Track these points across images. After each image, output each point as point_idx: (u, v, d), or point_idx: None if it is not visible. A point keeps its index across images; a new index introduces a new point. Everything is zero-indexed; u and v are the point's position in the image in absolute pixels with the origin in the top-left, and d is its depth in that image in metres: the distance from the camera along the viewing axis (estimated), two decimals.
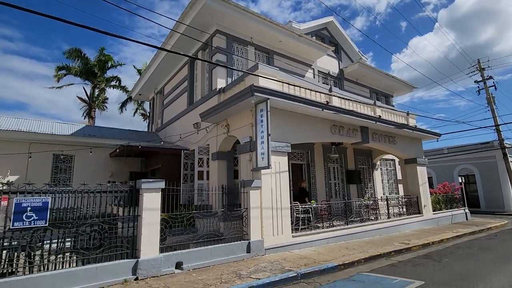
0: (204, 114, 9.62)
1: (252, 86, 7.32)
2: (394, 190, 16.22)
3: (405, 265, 6.68)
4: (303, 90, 9.10)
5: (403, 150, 12.95)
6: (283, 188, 8.18)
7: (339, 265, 6.50)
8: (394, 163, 16.54)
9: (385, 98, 18.21)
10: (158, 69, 14.35)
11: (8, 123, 12.28)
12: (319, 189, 12.32)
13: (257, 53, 12.07)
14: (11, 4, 4.09)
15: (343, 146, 13.41)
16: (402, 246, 8.37)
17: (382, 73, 16.57)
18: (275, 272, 5.86)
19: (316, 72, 14.21)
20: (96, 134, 13.38)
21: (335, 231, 9.23)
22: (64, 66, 23.64)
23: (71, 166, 12.66)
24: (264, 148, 7.48)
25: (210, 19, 10.44)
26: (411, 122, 13.10)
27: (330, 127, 9.94)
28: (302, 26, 13.83)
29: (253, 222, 7.36)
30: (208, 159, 10.62)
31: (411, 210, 12.55)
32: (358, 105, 10.83)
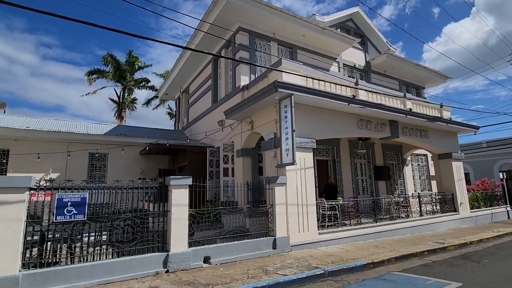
0: (228, 111, 9.73)
1: (275, 82, 7.27)
2: (427, 187, 15.42)
3: (440, 265, 6.34)
4: (328, 84, 8.88)
5: (437, 145, 12.25)
6: (308, 184, 8.08)
7: (368, 263, 6.31)
8: (427, 159, 15.70)
9: (415, 90, 17.29)
10: (183, 69, 14.70)
11: (49, 124, 13.23)
12: (345, 185, 12.02)
13: (280, 48, 11.96)
14: (50, 13, 4.38)
15: (371, 141, 12.95)
16: (436, 246, 7.95)
17: (412, 63, 15.73)
18: (302, 269, 5.82)
19: (341, 66, 13.82)
20: (127, 133, 14.04)
21: (363, 229, 8.97)
22: (95, 70, 25.10)
23: (105, 164, 13.42)
24: (289, 144, 7.42)
25: (233, 16, 10.49)
26: (445, 115, 12.34)
27: (357, 121, 9.64)
28: (326, 18, 13.47)
29: (278, 218, 7.35)
30: (233, 156, 10.75)
31: (445, 207, 11.88)
32: (386, 98, 10.39)
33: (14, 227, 4.65)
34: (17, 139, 12.04)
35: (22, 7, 4.20)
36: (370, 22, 15.20)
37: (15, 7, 4.20)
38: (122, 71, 25.10)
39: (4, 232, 4.57)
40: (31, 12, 4.58)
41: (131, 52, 25.54)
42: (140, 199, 6.80)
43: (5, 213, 4.62)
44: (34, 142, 12.17)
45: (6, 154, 12.03)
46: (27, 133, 11.91)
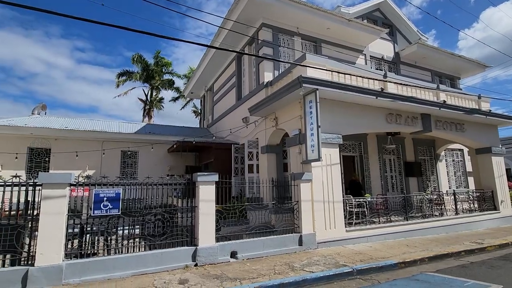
0: (252, 108, 9.76)
1: (300, 77, 7.17)
2: (463, 184, 14.51)
3: (479, 266, 5.97)
4: (354, 78, 8.61)
5: (474, 139, 11.45)
6: (334, 180, 7.92)
7: (399, 263, 6.09)
8: (463, 154, 14.76)
9: (450, 81, 16.26)
10: (207, 67, 14.95)
11: (85, 124, 14.09)
12: (373, 182, 11.64)
13: (304, 43, 11.76)
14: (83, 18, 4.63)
15: (401, 136, 12.40)
16: (474, 246, 7.49)
17: (446, 52, 14.78)
18: (329, 266, 5.74)
19: (368, 58, 13.32)
20: (155, 131, 14.60)
21: (393, 227, 8.65)
22: (124, 72, 26.27)
23: (136, 161, 14.07)
24: (314, 140, 7.31)
25: (256, 13, 10.47)
26: (483, 107, 11.51)
27: (385, 115, 9.26)
28: (351, 10, 13.02)
29: (304, 215, 7.29)
30: (257, 153, 10.79)
31: (484, 206, 11.11)
32: (417, 90, 9.87)
33: (57, 220, 5.03)
34: (57, 139, 12.95)
35: (58, 14, 4.48)
36: (399, 11, 14.47)
37: (52, 15, 4.49)
38: (149, 72, 26.06)
39: (49, 224, 4.95)
40: (65, 18, 4.88)
41: (158, 52, 26.36)
42: (169, 195, 7.06)
43: (50, 207, 5.01)
44: (72, 141, 13.04)
45: (48, 152, 12.99)
46: (66, 132, 12.78)
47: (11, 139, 12.23)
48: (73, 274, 4.97)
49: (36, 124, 12.58)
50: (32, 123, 12.55)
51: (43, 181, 5.05)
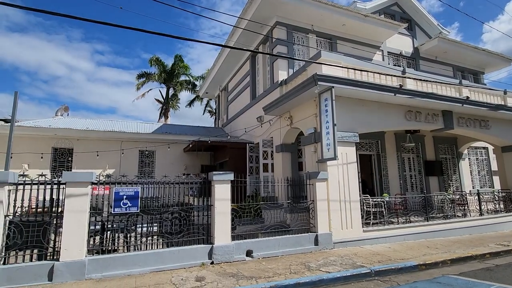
0: (267, 107, 9.75)
1: (315, 75, 7.09)
2: (488, 183, 13.89)
3: (505, 269, 5.69)
4: (371, 75, 8.41)
5: (500, 136, 10.92)
6: (351, 180, 7.79)
7: (419, 264, 5.91)
8: (487, 152, 14.12)
9: (473, 76, 15.58)
10: (222, 67, 15.05)
11: (104, 125, 14.57)
12: (392, 181, 11.35)
13: (319, 40, 11.61)
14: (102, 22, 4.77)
15: (420, 134, 12.00)
16: (499, 248, 7.15)
17: (469, 46, 14.16)
18: (346, 266, 5.66)
19: (385, 54, 12.97)
20: (171, 131, 14.88)
21: (412, 228, 8.40)
22: (143, 73, 26.94)
23: (153, 160, 14.41)
24: (330, 138, 7.21)
25: (270, 11, 10.43)
26: (510, 102, 10.93)
27: (404, 113, 9.00)
28: (368, 5, 12.72)
29: (320, 214, 7.22)
30: (272, 152, 10.78)
31: (510, 206, 10.58)
32: (438, 86, 9.51)
33: (80, 217, 5.23)
34: (79, 139, 13.46)
35: (78, 18, 4.65)
36: (418, 4, 14.00)
37: (72, 19, 4.66)
38: (167, 73, 26.62)
39: (72, 221, 5.16)
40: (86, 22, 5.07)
41: (177, 57, 26.81)
42: (185, 193, 7.19)
43: (73, 205, 5.21)
44: (93, 141, 13.51)
45: (71, 152, 13.53)
46: (87, 133, 13.27)
47: (37, 139, 12.83)
48: (95, 269, 5.15)
49: (59, 125, 13.13)
50: (56, 124, 13.11)
51: (67, 180, 5.27)
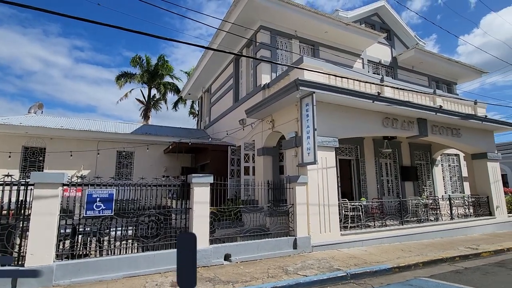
0: (249, 110, 9.75)
1: (297, 80, 7.17)
2: (459, 189, 14.56)
3: (473, 272, 5.96)
4: (351, 82, 8.63)
5: (470, 144, 11.50)
6: (330, 184, 7.91)
7: (393, 267, 6.07)
8: (459, 159, 14.83)
9: (447, 86, 16.35)
10: (205, 68, 14.94)
11: (81, 124, 14.01)
12: (369, 186, 11.65)
13: (302, 46, 11.79)
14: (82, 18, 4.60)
15: (397, 140, 12.44)
16: (468, 251, 7.48)
17: (443, 58, 14.88)
18: (323, 270, 5.71)
19: (365, 62, 13.37)
20: (151, 132, 14.54)
21: (388, 231, 8.65)
22: (124, 73, 26.19)
23: (132, 161, 13.99)
24: (310, 143, 7.30)
25: (254, 15, 10.49)
26: (480, 112, 11.56)
27: (382, 120, 9.28)
28: (349, 14, 13.09)
29: (299, 218, 7.27)
30: (253, 155, 10.77)
31: (479, 211, 11.14)
32: (414, 95, 9.90)
33: (49, 220, 4.96)
34: (53, 138, 12.86)
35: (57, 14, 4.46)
36: (396, 16, 14.57)
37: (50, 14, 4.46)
38: (150, 73, 26.02)
39: (40, 224, 4.89)
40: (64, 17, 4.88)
41: (162, 57, 26.30)
42: (164, 196, 7.02)
43: (41, 207, 4.95)
44: (68, 141, 12.95)
45: (43, 152, 12.89)
46: (61, 132, 12.69)
47: (6, 138, 12.13)
48: (64, 275, 4.90)
49: (31, 123, 12.49)
50: (28, 122, 12.46)
51: (35, 181, 5.00)
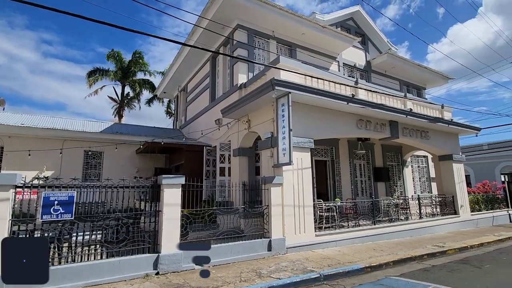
0: (225, 109, 9.54)
1: (273, 80, 7.09)
2: (427, 189, 15.22)
3: (440, 270, 6.15)
4: (327, 83, 8.70)
5: (437, 146, 12.05)
6: (305, 185, 7.90)
7: (365, 267, 6.13)
8: (427, 160, 15.50)
9: (417, 90, 17.09)
10: (181, 66, 14.52)
11: (45, 122, 13.06)
12: (344, 186, 11.83)
13: (279, 46, 11.78)
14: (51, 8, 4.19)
15: (371, 142, 12.77)
16: (435, 249, 7.76)
17: (413, 64, 15.53)
18: (297, 272, 5.63)
19: (341, 65, 13.63)
20: (123, 131, 13.86)
21: (361, 231, 8.79)
22: (96, 69, 24.88)
23: (101, 162, 13.24)
24: (286, 144, 7.24)
25: (231, 13, 10.31)
26: (446, 116, 12.13)
27: (356, 121, 9.45)
28: (326, 17, 13.28)
29: (274, 219, 7.17)
30: (229, 156, 10.56)
31: (445, 210, 11.68)
32: (386, 98, 10.20)
33: None
34: (11, 136, 11.88)
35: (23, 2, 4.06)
36: (371, 21, 15.01)
37: (16, 2, 4.04)
38: (124, 70, 24.94)
39: None
40: (31, 8, 4.45)
41: (136, 53, 25.26)
42: (136, 198, 6.64)
43: None
44: (29, 139, 12.00)
45: (1, 151, 11.87)
46: (21, 130, 11.74)
47: None
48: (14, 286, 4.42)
49: None
50: None
51: None
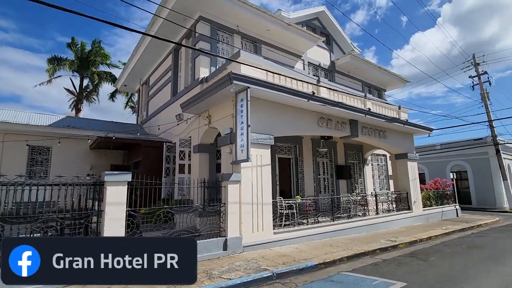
0: (184, 104, 9.14)
1: (230, 74, 6.85)
2: (385, 186, 15.94)
3: (389, 264, 6.34)
4: (289, 80, 8.65)
5: (394, 145, 12.61)
6: (264, 182, 7.78)
7: (319, 263, 6.13)
8: (386, 159, 16.23)
9: (377, 92, 17.82)
10: (142, 58, 13.76)
11: None
12: (307, 184, 11.97)
13: (244, 42, 11.57)
14: None
15: (333, 141, 13.03)
16: (388, 244, 8.04)
17: (374, 66, 16.15)
18: (249, 271, 5.47)
19: (306, 63, 13.75)
20: (75, 125, 12.81)
21: (320, 228, 8.88)
22: (54, 57, 22.93)
23: (48, 158, 12.11)
24: (244, 140, 7.05)
25: (193, 4, 9.89)
26: (402, 116, 12.73)
27: (317, 119, 9.54)
28: (291, 15, 13.31)
29: (231, 218, 6.96)
30: (190, 152, 10.18)
31: (400, 206, 12.26)
32: (347, 97, 10.42)
33: None
34: None
35: None
36: (336, 23, 15.33)
37: None
38: (82, 60, 23.21)
39: None
40: None
41: (95, 42, 23.65)
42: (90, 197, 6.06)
43: None
44: None
45: None
46: None
47: None
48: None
49: None
50: None
51: None
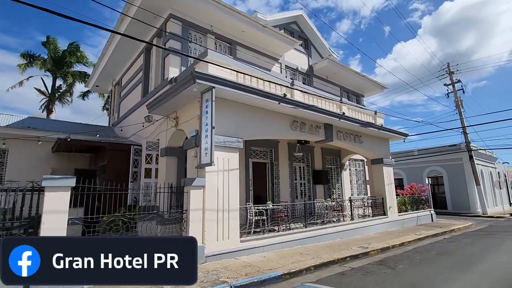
0: (150, 104, 8.68)
1: (193, 72, 6.48)
2: (363, 191, 15.89)
3: (356, 273, 6.07)
4: (261, 82, 8.37)
5: (370, 150, 12.56)
6: (232, 187, 7.39)
7: (284, 274, 5.79)
8: (364, 164, 16.21)
9: (356, 97, 17.90)
10: (113, 58, 13.14)
11: None
12: (283, 189, 11.67)
13: (218, 42, 11.24)
14: None
15: (310, 145, 12.84)
16: (359, 251, 7.81)
17: (352, 71, 16.20)
18: (205, 284, 5.05)
19: (283, 67, 13.56)
20: (38, 126, 11.97)
21: (292, 235, 8.56)
22: (26, 54, 21.79)
23: (3, 161, 11.21)
24: (208, 142, 6.67)
25: (163, 1, 9.49)
26: (378, 122, 12.73)
27: (290, 123, 9.29)
28: (268, 17, 13.12)
29: (192, 225, 6.52)
30: (157, 156, 9.67)
31: (376, 211, 12.16)
32: (322, 101, 10.26)
33: None
34: None
35: None
36: (313, 27, 15.29)
37: None
38: (55, 60, 22.15)
39: None
40: None
41: (76, 44, 22.69)
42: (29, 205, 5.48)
43: None
44: None
45: None
46: None
47: None
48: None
49: None
50: None
51: None
